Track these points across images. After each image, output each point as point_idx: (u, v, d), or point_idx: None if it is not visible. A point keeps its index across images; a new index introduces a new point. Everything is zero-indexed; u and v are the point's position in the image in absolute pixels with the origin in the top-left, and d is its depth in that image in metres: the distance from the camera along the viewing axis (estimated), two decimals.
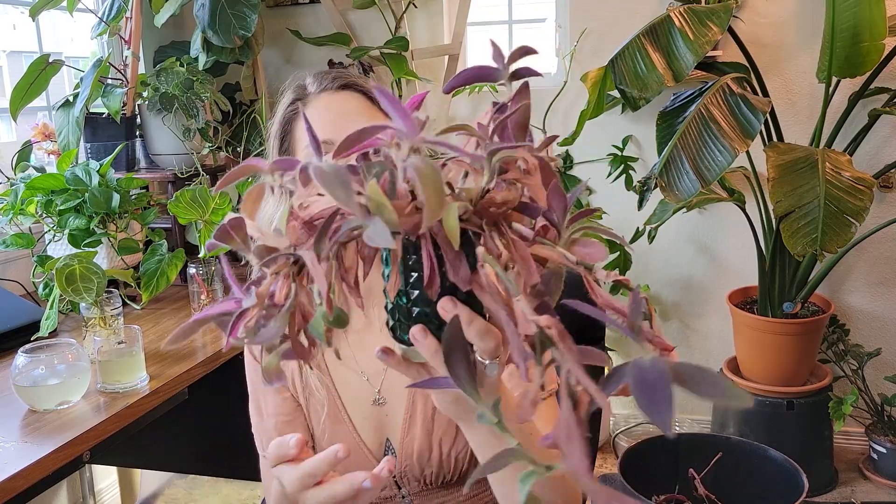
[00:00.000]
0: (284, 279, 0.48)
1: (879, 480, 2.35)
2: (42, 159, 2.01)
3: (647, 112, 2.30)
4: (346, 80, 0.93)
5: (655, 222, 2.31)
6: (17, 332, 1.54)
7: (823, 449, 2.35)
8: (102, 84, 2.01)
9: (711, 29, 1.95)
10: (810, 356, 2.32)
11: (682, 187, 1.83)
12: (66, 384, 1.25)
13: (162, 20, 2.11)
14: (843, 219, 1.78)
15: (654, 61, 1.94)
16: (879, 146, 2.37)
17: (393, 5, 2.45)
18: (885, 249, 2.44)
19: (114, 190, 1.67)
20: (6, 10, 2.17)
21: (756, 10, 2.37)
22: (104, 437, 1.22)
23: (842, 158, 1.91)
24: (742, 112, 1.89)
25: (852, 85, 2.23)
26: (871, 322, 2.49)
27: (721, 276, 2.58)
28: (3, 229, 1.69)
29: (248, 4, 2.09)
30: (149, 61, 2.46)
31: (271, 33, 2.58)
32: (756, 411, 2.30)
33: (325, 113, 0.92)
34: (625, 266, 2.55)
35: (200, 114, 2.04)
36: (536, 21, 2.80)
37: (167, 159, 2.10)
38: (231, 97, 2.42)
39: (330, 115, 0.91)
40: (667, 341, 0.46)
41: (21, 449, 1.13)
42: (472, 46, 2.79)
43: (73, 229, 1.64)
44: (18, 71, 2.01)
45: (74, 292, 1.45)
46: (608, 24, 2.47)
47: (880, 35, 2.03)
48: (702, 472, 1.12)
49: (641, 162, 2.54)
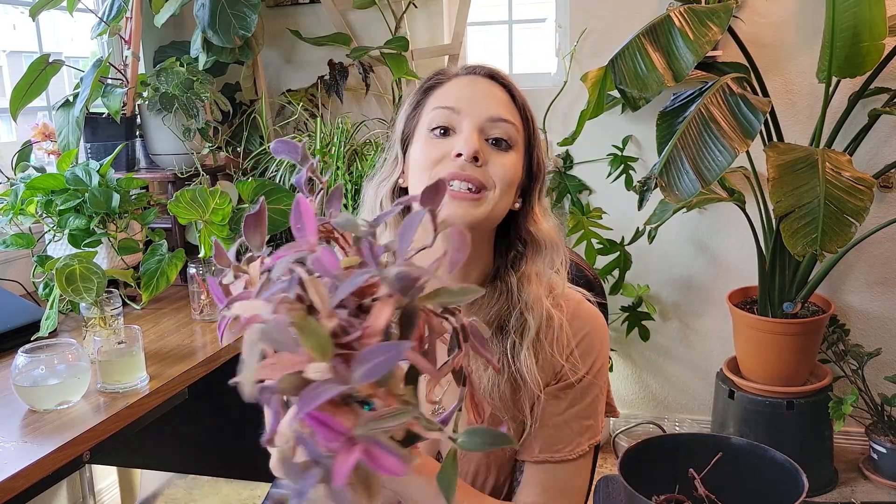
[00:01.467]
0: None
1: (879, 480, 2.35)
2: (42, 159, 2.01)
3: (647, 112, 2.30)
4: (494, 72, 0.94)
5: (655, 222, 2.31)
6: (17, 332, 1.54)
7: (823, 449, 2.35)
8: (102, 84, 2.01)
9: (711, 29, 1.95)
10: (810, 356, 2.32)
11: (682, 187, 1.83)
12: (66, 384, 1.25)
13: (162, 20, 2.11)
14: (843, 219, 1.78)
15: (654, 61, 1.94)
16: (879, 146, 2.37)
17: (393, 5, 2.45)
18: (885, 249, 2.44)
19: (114, 190, 1.67)
20: (6, 10, 2.17)
21: (756, 10, 2.37)
22: (104, 437, 1.22)
23: (842, 158, 1.91)
24: (742, 112, 1.89)
25: (852, 85, 2.23)
26: (871, 322, 2.49)
27: (721, 276, 2.58)
28: (3, 229, 1.69)
29: (248, 4, 2.09)
30: (149, 61, 2.46)
31: (271, 33, 2.58)
32: (756, 411, 2.30)
33: (465, 87, 0.93)
34: (625, 266, 2.55)
35: (200, 114, 2.04)
36: (536, 21, 2.81)
37: (167, 159, 2.10)
38: (231, 97, 2.42)
39: (469, 91, 0.93)
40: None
41: (21, 449, 1.13)
42: (472, 46, 2.79)
43: (73, 229, 1.64)
44: (18, 71, 2.01)
45: (74, 292, 1.45)
46: (608, 24, 2.47)
47: (880, 35, 2.03)
48: (702, 472, 1.11)
49: (641, 162, 2.54)
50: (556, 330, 0.93)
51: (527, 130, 0.95)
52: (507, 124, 0.91)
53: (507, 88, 0.95)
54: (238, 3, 2.09)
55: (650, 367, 2.73)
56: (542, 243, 0.95)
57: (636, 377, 2.74)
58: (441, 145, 0.90)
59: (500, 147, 0.91)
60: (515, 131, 0.92)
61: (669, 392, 2.73)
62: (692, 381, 2.70)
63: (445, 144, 0.90)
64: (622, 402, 2.76)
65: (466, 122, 0.90)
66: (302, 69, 2.66)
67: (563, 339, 0.93)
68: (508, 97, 0.94)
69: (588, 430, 0.94)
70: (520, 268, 0.95)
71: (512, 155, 0.92)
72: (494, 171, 0.89)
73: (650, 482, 1.09)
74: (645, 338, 2.61)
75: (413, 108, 0.96)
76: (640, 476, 1.05)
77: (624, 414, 2.76)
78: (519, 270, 0.94)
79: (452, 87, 0.94)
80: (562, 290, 0.96)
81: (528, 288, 0.93)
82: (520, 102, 0.94)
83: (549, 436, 0.92)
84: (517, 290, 0.93)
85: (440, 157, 0.89)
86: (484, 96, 0.92)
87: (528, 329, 0.91)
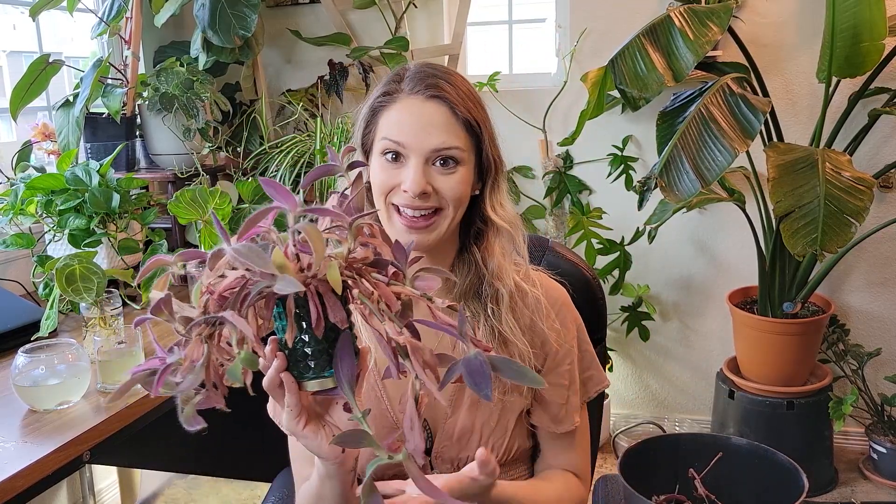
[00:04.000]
0: (198, 342, 0.63)
1: (879, 480, 2.35)
2: (42, 159, 2.01)
3: (647, 112, 2.30)
4: (437, 92, 0.99)
5: (655, 222, 2.31)
6: (17, 332, 1.54)
7: (823, 449, 2.35)
8: (102, 84, 2.01)
9: (711, 29, 1.95)
10: (810, 356, 2.32)
11: (682, 187, 1.83)
12: (66, 384, 1.25)
13: (162, 20, 2.11)
14: (843, 219, 1.78)
15: (654, 61, 1.94)
16: (879, 146, 2.37)
17: (393, 5, 2.45)
18: (885, 249, 2.44)
19: (114, 190, 1.67)
20: (6, 10, 2.17)
21: (756, 10, 2.37)
22: (104, 437, 1.22)
23: (842, 158, 1.91)
24: (742, 112, 1.89)
25: (852, 85, 2.23)
26: (871, 322, 2.49)
27: (721, 276, 2.58)
28: (3, 229, 1.69)
29: (248, 4, 2.09)
30: (149, 61, 2.46)
31: (271, 33, 2.58)
32: (756, 411, 2.30)
33: (408, 116, 0.99)
34: (625, 266, 2.55)
35: (200, 114, 2.04)
36: (536, 21, 2.81)
37: (167, 159, 2.10)
38: (231, 97, 2.42)
39: (412, 120, 0.99)
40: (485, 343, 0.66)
41: (21, 449, 1.13)
42: (471, 46, 2.79)
43: (73, 229, 1.64)
44: (18, 71, 2.01)
45: (74, 292, 1.45)
46: (608, 24, 2.47)
47: (880, 35, 2.03)
48: (702, 472, 1.11)
49: (641, 162, 2.54)
50: (534, 303, 1.05)
51: (474, 139, 1.01)
52: (450, 150, 0.98)
53: (450, 105, 0.99)
54: (238, 3, 2.09)
55: (650, 367, 2.73)
56: (499, 224, 1.04)
57: (636, 377, 2.74)
58: (393, 174, 0.98)
59: (447, 166, 0.98)
60: (460, 151, 0.99)
61: (669, 392, 2.73)
62: (692, 381, 2.70)
63: (396, 173, 0.98)
64: (622, 402, 2.76)
65: (413, 157, 0.98)
66: (302, 69, 2.66)
67: (541, 311, 1.05)
68: (451, 115, 0.99)
69: (589, 380, 1.11)
70: (481, 243, 1.05)
71: (460, 171, 0.99)
72: (445, 193, 0.98)
73: (650, 482, 1.09)
74: (645, 338, 2.61)
75: (366, 126, 1.03)
76: (640, 476, 1.05)
77: (624, 414, 2.76)
78: (481, 245, 1.04)
79: (398, 114, 1.00)
80: (525, 270, 1.08)
81: (491, 260, 1.03)
82: (462, 117, 0.99)
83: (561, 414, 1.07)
84: (482, 261, 1.04)
85: (393, 185, 0.98)
86: (426, 126, 0.98)
87: (501, 296, 1.02)
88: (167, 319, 0.65)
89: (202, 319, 0.64)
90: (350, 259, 0.67)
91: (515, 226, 1.05)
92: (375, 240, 0.69)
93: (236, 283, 0.64)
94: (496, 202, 1.05)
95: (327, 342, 0.69)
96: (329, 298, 0.65)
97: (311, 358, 0.70)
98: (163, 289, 0.66)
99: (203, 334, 0.64)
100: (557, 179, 2.60)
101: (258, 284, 0.62)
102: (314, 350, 0.70)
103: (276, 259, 0.61)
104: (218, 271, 0.65)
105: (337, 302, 0.65)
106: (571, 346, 1.08)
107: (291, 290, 0.60)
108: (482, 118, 1.02)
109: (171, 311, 0.65)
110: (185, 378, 0.63)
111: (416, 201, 0.97)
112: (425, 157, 0.97)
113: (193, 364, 0.63)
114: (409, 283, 0.68)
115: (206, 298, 0.65)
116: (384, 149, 0.99)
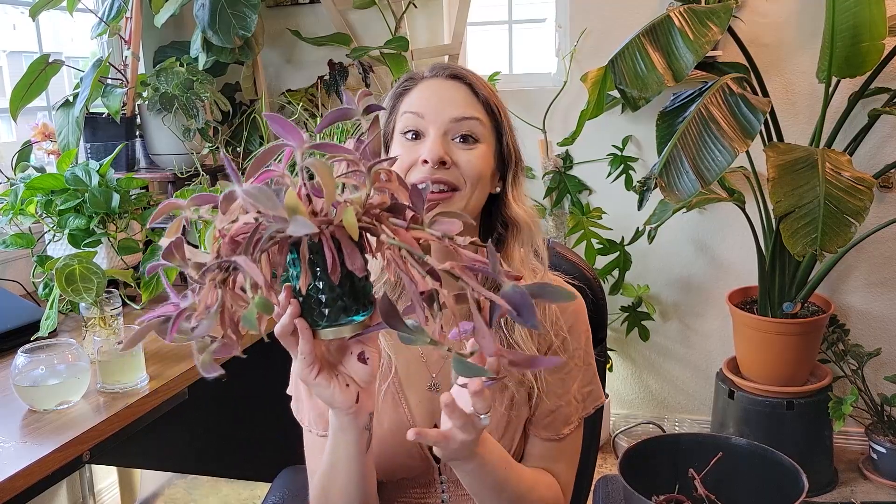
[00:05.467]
0: (212, 288, 0.61)
1: (879, 480, 2.35)
2: (42, 159, 2.01)
3: (647, 112, 2.30)
4: (456, 71, 1.01)
5: (655, 222, 2.31)
6: (17, 332, 1.54)
7: (823, 449, 2.35)
8: (102, 84, 2.01)
9: (711, 29, 1.95)
10: (810, 356, 2.32)
11: (682, 187, 1.83)
12: (66, 384, 1.25)
13: (162, 20, 2.11)
14: (842, 219, 1.78)
15: (654, 61, 1.94)
16: (879, 146, 2.37)
17: (393, 5, 2.45)
18: (885, 249, 2.44)
19: (114, 190, 1.67)
20: (6, 10, 2.17)
21: (756, 10, 2.37)
22: (104, 437, 1.22)
23: (842, 158, 1.91)
24: (742, 112, 1.89)
25: (852, 85, 2.23)
26: (870, 322, 2.49)
27: (721, 276, 2.58)
28: (3, 229, 1.69)
29: (248, 4, 2.09)
30: (149, 61, 2.46)
31: (271, 33, 2.58)
32: (756, 411, 2.30)
33: (428, 93, 1.00)
34: (625, 266, 2.55)
35: (200, 114, 2.04)
36: (536, 21, 2.81)
37: (167, 159, 2.10)
38: (231, 97, 2.42)
39: (431, 94, 0.99)
40: (514, 272, 0.64)
41: (21, 449, 1.13)
42: (471, 46, 2.79)
43: (73, 229, 1.64)
44: (18, 71, 2.01)
45: (74, 292, 1.45)
46: (608, 24, 2.47)
47: (880, 35, 2.03)
48: (702, 472, 1.11)
49: (641, 162, 2.54)
50: (546, 308, 1.03)
51: (494, 121, 1.01)
52: (469, 121, 0.97)
53: (470, 85, 1.00)
54: (238, 3, 2.09)
55: (650, 367, 2.73)
56: (519, 224, 1.02)
57: (636, 377, 2.74)
58: (412, 150, 0.97)
59: (466, 143, 0.97)
60: (480, 125, 0.98)
61: (669, 392, 2.73)
62: (692, 381, 2.70)
63: (416, 149, 0.97)
64: (622, 402, 2.76)
65: (432, 128, 0.97)
66: (302, 69, 2.66)
67: (551, 316, 1.03)
68: (471, 94, 1.00)
69: (589, 395, 1.07)
70: (501, 249, 1.02)
71: (480, 147, 0.98)
72: (464, 169, 0.96)
73: (650, 482, 1.09)
74: (645, 338, 2.61)
75: (389, 113, 1.03)
76: (639, 476, 1.05)
77: (624, 414, 2.77)
78: (501, 252, 1.01)
79: (420, 92, 1.01)
80: (543, 273, 1.05)
81: (510, 266, 1.00)
82: (482, 97, 1.00)
83: (553, 419, 1.04)
84: None
85: (412, 161, 0.97)
86: (446, 98, 0.99)
87: None
88: (179, 265, 0.63)
89: (215, 264, 0.62)
90: (367, 205, 0.64)
91: (537, 224, 1.04)
92: (391, 184, 0.67)
93: (249, 227, 0.62)
94: (518, 196, 1.03)
95: (342, 290, 0.67)
96: (347, 244, 0.62)
97: (325, 305, 0.68)
98: (175, 234, 0.64)
99: (216, 279, 0.61)
100: (557, 179, 2.60)
101: (270, 227, 0.60)
102: (328, 297, 0.68)
103: (288, 201, 0.59)
104: (231, 215, 0.62)
105: (355, 249, 0.63)
106: (575, 355, 1.06)
107: (303, 231, 0.57)
108: (502, 106, 1.02)
109: (182, 255, 0.63)
110: (199, 323, 0.61)
111: (435, 173, 0.94)
112: (444, 129, 0.97)
113: (208, 309, 0.61)
114: (428, 225, 0.66)
115: (219, 243, 0.63)
116: (404, 127, 0.99)
